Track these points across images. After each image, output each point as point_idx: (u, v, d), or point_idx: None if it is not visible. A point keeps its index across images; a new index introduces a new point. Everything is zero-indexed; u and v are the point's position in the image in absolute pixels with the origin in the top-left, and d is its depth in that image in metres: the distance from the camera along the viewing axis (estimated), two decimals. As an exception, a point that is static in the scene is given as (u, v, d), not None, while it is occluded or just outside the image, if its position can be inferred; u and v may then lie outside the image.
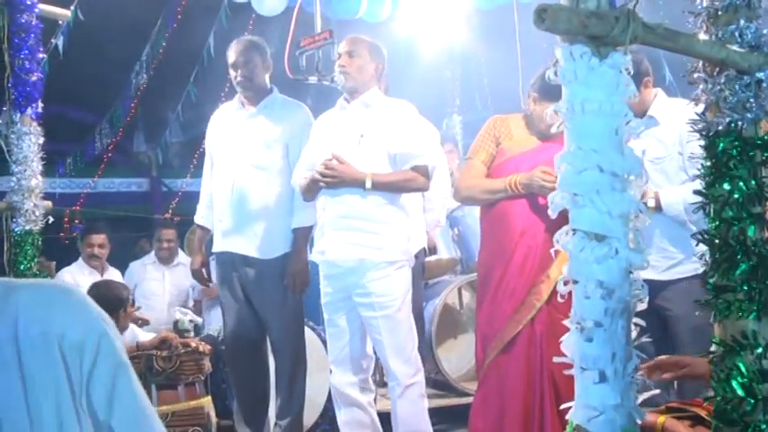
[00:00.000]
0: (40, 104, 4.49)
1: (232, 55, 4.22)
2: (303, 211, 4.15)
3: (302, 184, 3.93)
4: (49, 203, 4.55)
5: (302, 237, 4.18)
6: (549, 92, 3.42)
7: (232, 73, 4.23)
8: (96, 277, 5.77)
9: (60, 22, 5.65)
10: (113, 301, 4.46)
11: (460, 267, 5.80)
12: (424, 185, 3.86)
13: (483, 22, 8.67)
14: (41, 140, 4.47)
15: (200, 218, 4.42)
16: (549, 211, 1.93)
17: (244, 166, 4.17)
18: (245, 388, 4.30)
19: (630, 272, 1.87)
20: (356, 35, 4.03)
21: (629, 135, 1.86)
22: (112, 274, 6.07)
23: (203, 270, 4.43)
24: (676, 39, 1.93)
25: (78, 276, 5.85)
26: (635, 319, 1.92)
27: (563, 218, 1.91)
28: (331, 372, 3.96)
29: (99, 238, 6.05)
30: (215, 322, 5.52)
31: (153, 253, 6.59)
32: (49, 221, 4.57)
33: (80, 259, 6.08)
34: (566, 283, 1.92)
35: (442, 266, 5.62)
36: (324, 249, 3.90)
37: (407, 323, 3.85)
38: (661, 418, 2.41)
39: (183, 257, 6.59)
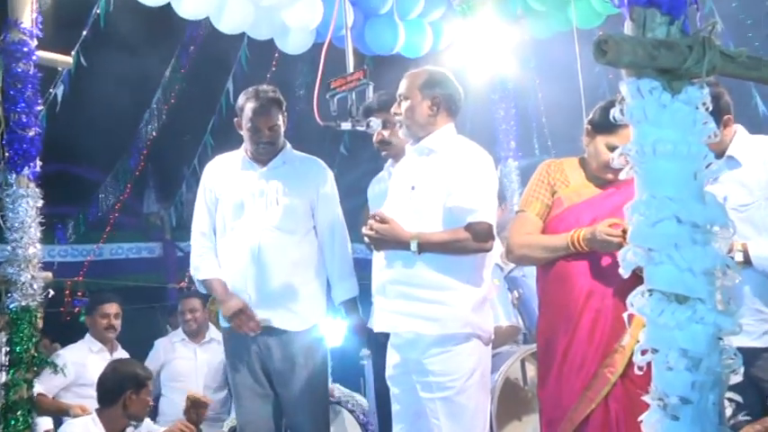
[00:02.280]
0: (39, 163, 4.56)
1: (249, 111, 4.25)
2: (346, 281, 4.30)
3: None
4: (48, 275, 4.59)
5: (353, 309, 4.32)
6: (601, 123, 3.44)
7: (250, 131, 4.27)
8: (106, 357, 5.80)
9: (60, 69, 5.78)
10: (125, 379, 4.50)
11: (522, 336, 5.75)
12: (481, 246, 3.76)
13: (539, 53, 8.74)
14: (40, 203, 4.53)
15: (212, 272, 4.36)
16: (621, 270, 1.93)
17: (265, 231, 4.22)
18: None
19: (720, 338, 1.86)
20: (411, 71, 4.02)
21: (708, 180, 1.87)
22: (122, 354, 6.10)
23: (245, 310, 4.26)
24: (762, 67, 1.94)
25: (86, 356, 5.85)
26: (728, 394, 1.91)
27: (636, 277, 1.91)
28: None
29: (113, 306, 6.08)
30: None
31: (180, 329, 6.62)
32: (49, 295, 4.61)
33: (87, 336, 6.10)
34: (643, 353, 1.91)
35: (501, 335, 5.56)
36: (375, 320, 3.91)
37: (473, 408, 3.78)
38: None
39: (214, 332, 6.62)
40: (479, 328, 3.83)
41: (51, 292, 4.62)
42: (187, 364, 6.41)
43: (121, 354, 6.06)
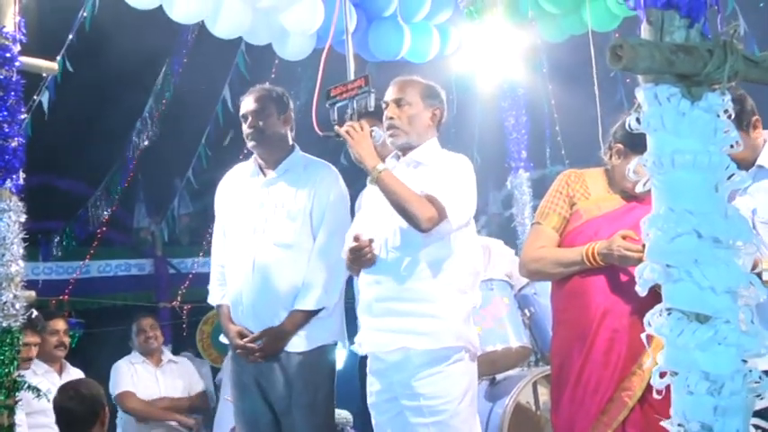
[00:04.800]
0: (22, 175, 4.56)
1: (243, 105, 4.34)
2: (308, 292, 4.17)
3: (345, 260, 3.97)
4: (31, 294, 4.57)
5: (301, 321, 4.16)
6: (638, 142, 3.44)
7: (243, 127, 4.32)
8: (54, 379, 5.71)
9: (45, 75, 5.80)
10: (95, 402, 4.49)
11: (534, 357, 5.75)
12: (428, 221, 3.66)
13: (553, 58, 8.75)
14: (23, 218, 4.52)
15: (218, 297, 4.41)
16: (638, 288, 1.93)
17: (265, 245, 4.21)
18: None
19: (744, 360, 1.86)
20: (406, 77, 4.06)
21: (732, 192, 1.86)
22: (74, 373, 5.99)
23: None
24: (787, 72, 1.94)
25: (29, 380, 5.73)
26: (754, 420, 1.90)
27: (655, 294, 1.91)
28: None
29: (60, 322, 6.01)
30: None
31: (136, 352, 6.60)
32: (32, 316, 4.60)
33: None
34: (662, 376, 1.90)
35: (511, 357, 5.55)
36: (361, 341, 3.91)
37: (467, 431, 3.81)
38: None
39: (169, 354, 6.68)
40: (469, 341, 3.86)
41: (35, 313, 4.62)
42: (151, 391, 6.44)
43: (74, 372, 5.98)
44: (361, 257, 3.81)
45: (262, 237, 4.22)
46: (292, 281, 4.19)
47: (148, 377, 6.47)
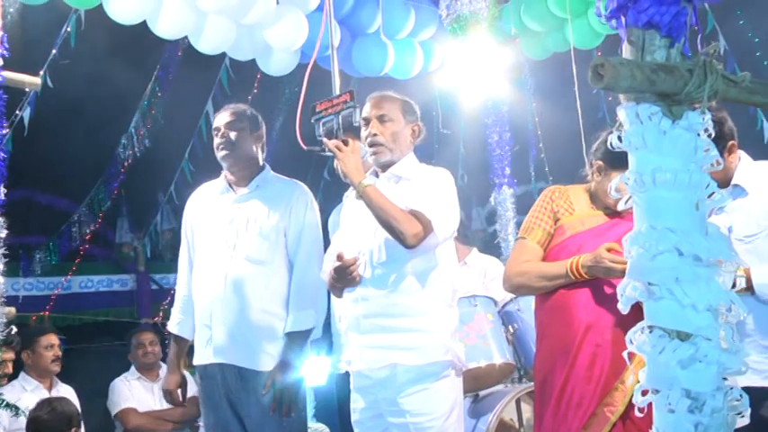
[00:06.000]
0: (3, 190, 4.55)
1: (216, 119, 4.36)
2: (300, 312, 4.15)
3: (326, 280, 3.95)
4: (11, 310, 4.56)
5: (296, 344, 4.16)
6: (619, 159, 3.45)
7: (215, 140, 4.32)
8: (43, 395, 5.68)
9: (27, 89, 5.79)
10: (69, 420, 4.46)
11: (517, 374, 5.75)
12: (414, 237, 3.65)
13: (536, 75, 8.81)
14: (4, 234, 4.52)
15: (174, 325, 4.41)
16: (620, 305, 1.94)
17: (236, 261, 4.19)
18: None
19: (725, 378, 1.86)
20: (383, 93, 4.04)
21: (711, 210, 1.88)
22: (64, 389, 6.00)
23: (179, 391, 4.41)
24: (766, 92, 1.95)
25: (19, 396, 5.58)
26: (735, 438, 1.91)
27: (639, 310, 1.92)
28: None
29: (53, 337, 5.99)
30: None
31: (133, 368, 6.60)
32: (12, 332, 4.58)
33: (21, 374, 5.97)
34: (644, 393, 1.91)
35: (494, 374, 5.55)
36: (350, 358, 3.89)
37: None
38: None
39: (165, 369, 6.63)
40: (456, 355, 3.85)
41: (15, 329, 4.60)
42: (147, 407, 6.40)
43: (63, 389, 5.97)
44: (346, 276, 3.79)
45: (233, 252, 4.20)
46: (264, 296, 4.16)
47: (145, 393, 6.44)
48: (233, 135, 4.27)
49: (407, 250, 3.70)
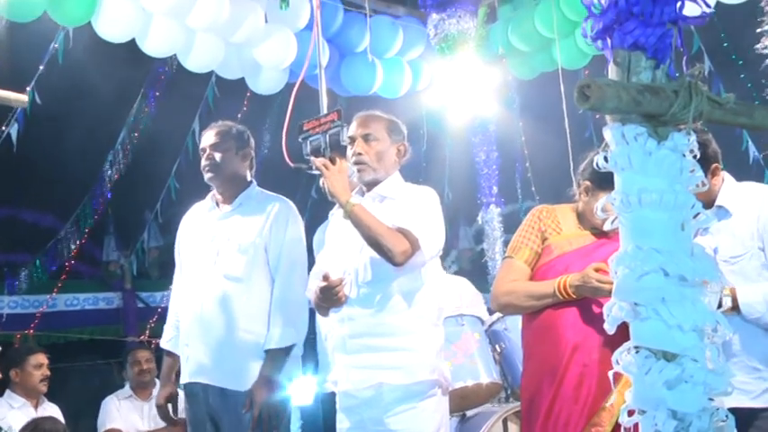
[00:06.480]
0: (-12, 207, 4.55)
1: (203, 139, 4.35)
2: (280, 329, 4.12)
3: (312, 299, 3.94)
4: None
5: (277, 360, 4.12)
6: (606, 179, 3.46)
7: (201, 161, 4.32)
8: (30, 413, 5.70)
9: (14, 107, 5.78)
10: None
11: (504, 393, 5.74)
12: (402, 255, 3.64)
13: (523, 94, 8.84)
14: (-12, 251, 4.52)
15: (167, 341, 4.41)
16: (606, 326, 1.94)
17: (215, 279, 4.18)
18: None
19: (711, 399, 1.87)
20: (369, 112, 4.04)
21: (697, 230, 1.89)
22: (50, 408, 6.00)
23: (169, 406, 4.39)
24: (751, 113, 1.97)
25: (6, 414, 5.69)
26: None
27: (627, 329, 1.92)
28: None
29: (42, 356, 6.01)
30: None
31: (128, 386, 6.56)
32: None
33: (6, 392, 5.98)
34: (630, 413, 1.91)
35: (481, 393, 5.54)
36: (336, 379, 3.88)
37: None
38: None
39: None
40: (443, 375, 3.84)
41: (-1, 348, 4.59)
42: (135, 426, 6.37)
43: (50, 408, 5.97)
44: (332, 297, 3.77)
45: (212, 269, 4.19)
46: (244, 314, 4.13)
47: (133, 413, 6.40)
48: (218, 156, 4.26)
49: (394, 269, 3.69)
